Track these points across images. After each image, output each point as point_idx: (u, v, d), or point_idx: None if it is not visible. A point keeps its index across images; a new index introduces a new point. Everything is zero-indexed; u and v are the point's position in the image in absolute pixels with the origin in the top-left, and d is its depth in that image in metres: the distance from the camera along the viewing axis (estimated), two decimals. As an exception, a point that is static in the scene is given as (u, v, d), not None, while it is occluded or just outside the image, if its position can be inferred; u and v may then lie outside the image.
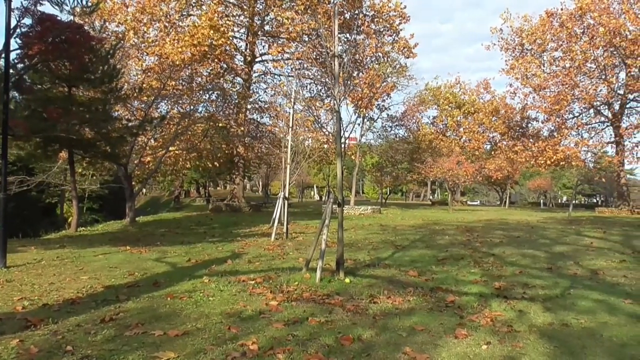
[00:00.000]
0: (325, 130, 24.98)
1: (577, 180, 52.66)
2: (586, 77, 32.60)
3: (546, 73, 34.15)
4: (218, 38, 22.58)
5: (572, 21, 31.47)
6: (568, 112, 34.63)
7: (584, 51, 31.06)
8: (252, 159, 32.13)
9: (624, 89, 32.15)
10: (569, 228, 18.10)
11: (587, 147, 34.98)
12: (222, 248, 12.31)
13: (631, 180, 54.16)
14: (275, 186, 66.85)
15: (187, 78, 23.53)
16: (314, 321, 5.25)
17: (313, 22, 24.16)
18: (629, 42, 28.88)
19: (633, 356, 4.25)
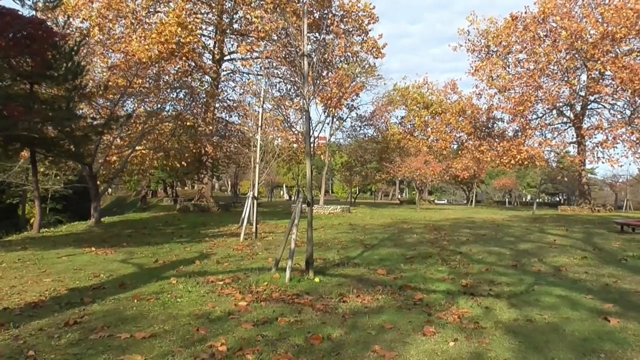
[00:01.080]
0: (294, 129, 24.99)
1: (541, 180, 53.91)
2: (549, 79, 33.45)
3: (511, 74, 34.93)
4: (186, 36, 22.29)
5: (535, 24, 32.27)
6: (532, 113, 35.50)
7: (547, 54, 31.87)
8: (221, 159, 31.84)
9: (585, 90, 33.13)
10: (533, 226, 18.54)
11: (550, 147, 35.92)
12: (190, 248, 12.16)
13: (592, 180, 55.89)
14: (244, 186, 66.43)
15: (154, 76, 23.15)
16: (283, 321, 5.23)
17: (282, 21, 24.09)
18: (590, 45, 29.77)
19: (594, 350, 4.38)
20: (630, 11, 27.59)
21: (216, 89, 28.71)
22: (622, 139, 31.48)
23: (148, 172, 30.89)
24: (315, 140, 33.20)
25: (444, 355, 4.24)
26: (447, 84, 52.84)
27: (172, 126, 24.75)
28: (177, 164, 26.24)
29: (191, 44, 23.40)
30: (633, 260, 9.61)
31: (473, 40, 37.29)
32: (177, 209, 29.98)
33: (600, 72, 30.72)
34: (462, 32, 37.41)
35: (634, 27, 27.84)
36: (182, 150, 25.63)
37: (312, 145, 8.49)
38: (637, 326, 5.08)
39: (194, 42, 23.76)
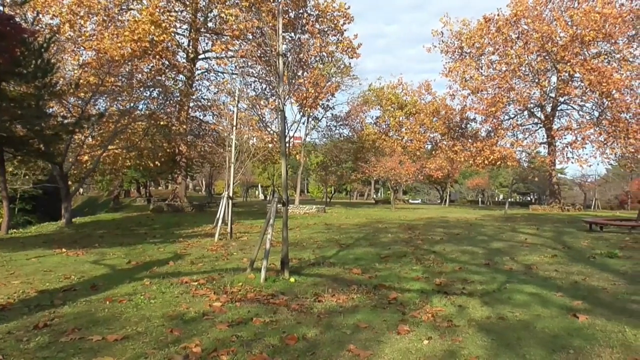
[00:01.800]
0: (269, 129, 24.89)
1: (513, 179, 54.90)
2: (521, 80, 34.07)
3: (483, 76, 35.44)
4: (159, 34, 22.01)
5: (507, 26, 32.82)
6: (504, 114, 36.10)
7: (518, 55, 32.44)
8: (195, 158, 31.54)
9: (555, 92, 33.83)
10: (505, 225, 18.85)
11: (522, 148, 36.60)
12: (163, 249, 12.02)
13: (562, 179, 57.08)
14: (219, 185, 65.96)
15: (126, 74, 22.76)
16: (258, 321, 5.22)
17: (257, 20, 23.98)
18: (560, 47, 30.41)
19: (563, 346, 4.48)
20: (597, 15, 28.28)
21: (190, 88, 28.44)
22: (590, 139, 32.26)
23: (121, 171, 30.38)
24: (291, 140, 33.18)
25: (418, 354, 4.28)
26: (421, 84, 53.40)
27: (146, 125, 24.42)
28: (150, 164, 25.90)
29: (165, 42, 23.12)
30: (601, 258, 9.86)
31: (447, 42, 37.73)
32: (150, 209, 29.59)
33: (569, 74, 31.40)
34: (436, 33, 37.81)
35: (601, 30, 28.55)
36: (156, 150, 25.30)
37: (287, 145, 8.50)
38: (605, 322, 5.21)
39: (167, 40, 23.48)
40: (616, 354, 4.27)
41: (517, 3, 32.24)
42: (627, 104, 29.63)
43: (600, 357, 4.20)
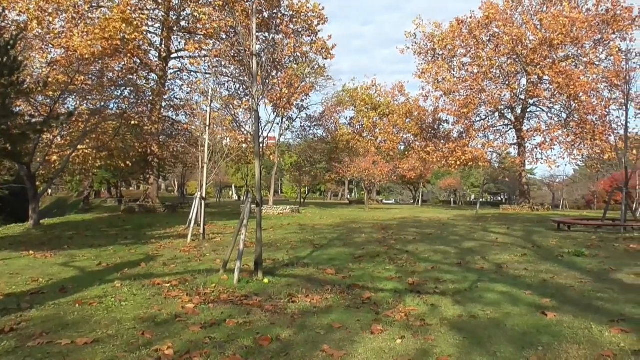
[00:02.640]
0: (243, 129, 24.75)
1: (484, 180, 55.72)
2: (492, 82, 34.62)
3: (456, 78, 35.92)
4: (131, 32, 21.68)
5: (479, 29, 33.33)
6: (475, 115, 36.63)
7: (490, 58, 32.99)
8: (167, 158, 31.18)
9: (525, 94, 34.49)
10: (477, 225, 19.14)
11: (493, 149, 37.22)
12: (135, 251, 11.85)
13: (531, 180, 58.26)
14: (191, 186, 65.31)
15: (97, 73, 22.35)
16: (232, 323, 5.19)
17: (231, 20, 23.84)
18: (530, 51, 31.04)
19: (532, 343, 4.57)
20: (565, 19, 28.95)
21: (163, 87, 28.08)
22: (559, 141, 32.99)
23: (91, 172, 29.84)
24: (265, 141, 33.05)
25: (391, 353, 4.32)
26: (394, 86, 53.88)
27: (116, 125, 24.01)
28: (121, 164, 25.48)
29: (137, 40, 22.77)
30: (568, 257, 10.09)
31: (419, 44, 38.10)
32: (121, 210, 29.13)
33: (539, 76, 32.06)
34: (409, 35, 38.14)
35: (569, 34, 29.23)
36: (127, 150, 24.92)
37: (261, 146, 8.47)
38: (572, 319, 5.34)
39: (139, 38, 23.13)
40: (583, 350, 4.38)
41: (489, 6, 32.76)
42: (593, 107, 30.39)
43: (568, 353, 4.30)
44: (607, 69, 30.66)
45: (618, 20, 29.92)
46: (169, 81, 30.09)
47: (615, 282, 7.55)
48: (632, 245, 12.12)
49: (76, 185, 43.74)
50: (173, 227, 18.49)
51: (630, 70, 22.93)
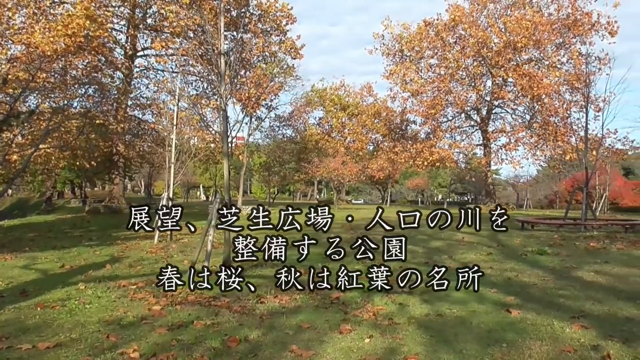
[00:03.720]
0: (211, 129, 24.53)
1: (451, 180, 56.62)
2: (458, 84, 35.17)
3: (423, 79, 36.34)
4: (95, 29, 21.20)
5: (446, 31, 33.81)
6: (442, 116, 37.11)
7: (456, 60, 33.49)
8: (134, 158, 30.65)
9: (490, 96, 35.15)
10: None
11: (459, 149, 37.82)
12: (100, 252, 11.61)
13: (496, 180, 59.45)
14: (158, 186, 64.31)
15: (60, 70, 21.77)
16: (199, 324, 5.14)
17: (199, 18, 23.56)
18: (494, 53, 31.67)
19: (497, 340, 4.67)
20: (528, 22, 29.63)
21: (128, 85, 27.58)
22: (522, 141, 33.75)
23: (54, 172, 29.07)
24: (233, 140, 32.82)
25: (359, 352, 4.35)
26: (363, 86, 54.11)
27: (80, 124, 23.44)
28: (85, 164, 24.89)
29: (101, 38, 22.27)
30: (532, 255, 10.34)
31: (388, 45, 38.36)
32: (86, 210, 28.50)
33: (503, 78, 32.71)
34: (377, 36, 38.38)
35: (532, 37, 29.94)
36: (91, 149, 24.36)
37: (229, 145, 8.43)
38: (535, 316, 5.48)
39: (104, 36, 22.64)
40: (545, 346, 4.50)
41: (455, 9, 33.24)
42: (555, 108, 31.19)
43: (531, 349, 4.41)
44: (568, 72, 31.55)
45: (578, 25, 30.81)
46: (135, 80, 29.60)
47: (576, 280, 7.78)
48: (591, 243, 12.52)
49: (38, 186, 42.53)
50: (139, 228, 18.19)
51: (589, 74, 23.61)
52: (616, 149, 31.25)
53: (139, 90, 30.08)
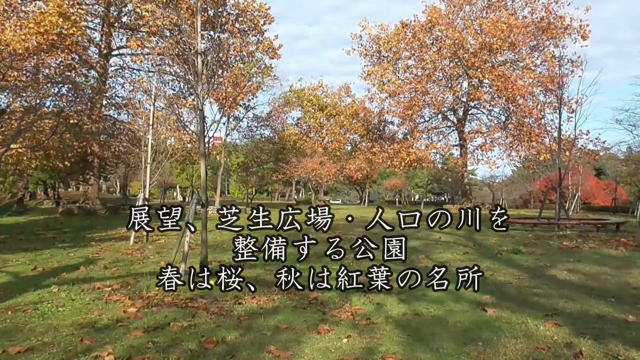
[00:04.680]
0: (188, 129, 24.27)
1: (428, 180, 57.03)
2: (435, 84, 35.49)
3: (400, 80, 36.56)
4: (69, 27, 20.83)
5: (423, 32, 34.08)
6: (419, 117, 37.43)
7: (433, 61, 33.80)
8: (109, 158, 30.20)
9: (466, 97, 35.56)
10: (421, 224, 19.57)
11: (436, 150, 38.20)
12: (74, 254, 11.40)
13: (473, 180, 60.16)
14: (134, 187, 63.51)
15: (32, 69, 21.32)
16: (176, 326, 5.09)
17: (175, 17, 23.31)
18: (470, 54, 32.04)
19: (473, 338, 4.73)
20: (504, 25, 30.07)
21: (103, 85, 27.14)
22: (498, 142, 34.25)
23: (25, 172, 28.47)
24: (211, 140, 32.57)
25: (337, 352, 4.35)
26: (341, 87, 54.32)
27: (53, 123, 23.00)
28: (59, 164, 24.43)
29: (75, 36, 21.89)
30: (507, 255, 10.50)
31: (365, 46, 38.54)
32: (59, 212, 27.96)
33: (479, 79, 33.14)
34: (355, 36, 38.52)
35: (507, 39, 30.39)
36: (65, 150, 23.91)
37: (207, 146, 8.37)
38: (510, 314, 5.56)
39: (78, 34, 22.25)
40: (519, 343, 4.57)
41: (431, 10, 33.56)
42: (529, 109, 31.71)
43: (506, 347, 4.47)
44: (542, 74, 32.10)
45: (552, 28, 31.40)
46: (110, 79, 29.16)
47: (550, 278, 7.92)
48: (565, 242, 12.76)
49: (9, 187, 41.58)
50: (115, 229, 17.93)
51: (563, 76, 24.08)
52: (588, 150, 31.90)
53: (114, 90, 29.65)
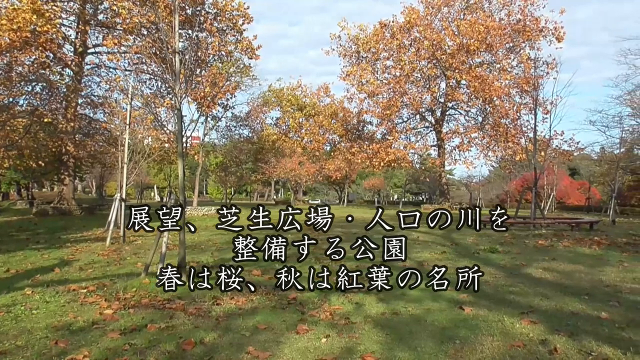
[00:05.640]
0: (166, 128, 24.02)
1: (406, 180, 57.37)
2: (413, 85, 35.77)
3: (379, 80, 36.76)
4: (43, 24, 20.44)
5: (401, 33, 34.32)
6: (398, 117, 37.69)
7: (411, 62, 34.05)
8: (84, 158, 29.70)
9: (444, 97, 35.92)
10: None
11: (414, 150, 38.49)
12: (48, 255, 11.18)
13: (450, 180, 60.72)
14: (111, 187, 62.65)
15: (4, 66, 20.88)
16: (153, 328, 5.03)
17: (153, 15, 23.05)
18: (448, 55, 32.36)
19: (451, 337, 4.78)
20: (481, 26, 30.45)
21: (79, 83, 26.68)
22: (475, 142, 34.67)
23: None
24: (188, 140, 32.28)
25: (316, 352, 4.36)
26: (320, 87, 54.38)
27: (27, 122, 22.54)
28: (32, 164, 23.94)
29: (49, 33, 21.49)
30: (484, 253, 10.63)
31: (344, 46, 38.68)
32: (33, 212, 27.40)
33: (457, 80, 33.51)
34: (334, 37, 38.61)
35: (484, 41, 30.77)
36: (39, 149, 23.46)
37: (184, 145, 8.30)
38: (487, 313, 5.64)
39: (52, 31, 21.84)
40: (496, 341, 4.63)
41: (410, 11, 33.81)
42: (506, 110, 32.18)
43: (483, 345, 4.53)
44: (518, 76, 32.63)
45: (527, 30, 31.91)
46: (86, 77, 28.67)
47: (526, 277, 8.04)
48: (540, 241, 12.97)
49: (-19, 187, 40.66)
50: (91, 230, 17.65)
51: (538, 77, 24.51)
52: (563, 150, 32.51)
53: (90, 89, 29.17)
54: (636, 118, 32.70)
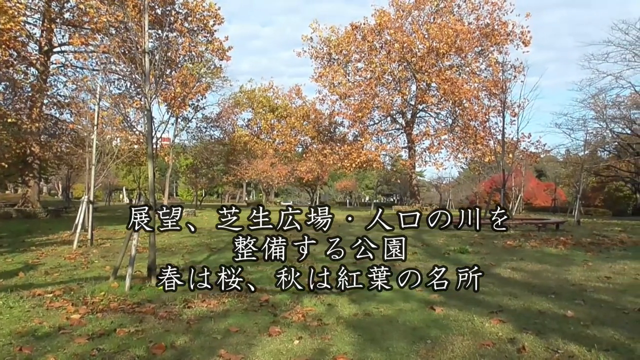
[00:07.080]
0: (135, 129, 23.65)
1: (378, 182, 57.72)
2: (384, 87, 36.00)
3: (350, 82, 36.91)
4: (6, 22, 19.88)
5: (372, 36, 34.54)
6: (369, 119, 37.91)
7: (382, 64, 34.28)
8: (50, 159, 28.97)
9: (414, 100, 36.28)
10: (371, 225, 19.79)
11: (386, 152, 38.79)
12: (12, 259, 10.86)
13: (421, 181, 61.43)
14: (78, 189, 61.30)
15: (-34, 65, 20.29)
16: (122, 332, 4.93)
17: (121, 15, 22.66)
18: (418, 58, 32.71)
19: (422, 337, 4.83)
20: (450, 30, 30.90)
21: (44, 83, 26.02)
22: (445, 144, 35.14)
23: (-42, 174, 26.95)
24: (158, 141, 31.85)
25: (288, 354, 4.34)
26: (291, 88, 54.33)
27: (-10, 122, 21.92)
28: (-5, 165, 23.26)
29: (12, 31, 20.92)
30: (454, 254, 10.78)
31: (316, 48, 38.69)
32: (-5, 215, 26.61)
33: (427, 83, 33.90)
34: (306, 38, 38.60)
35: (453, 44, 31.22)
36: (2, 150, 22.79)
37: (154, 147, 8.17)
38: (457, 312, 5.72)
39: (16, 29, 21.26)
40: (466, 340, 4.70)
41: (381, 14, 34.07)
42: (475, 113, 32.72)
43: (453, 344, 4.59)
44: (487, 79, 33.25)
45: (495, 34, 32.53)
46: (52, 77, 27.98)
47: (495, 276, 8.19)
48: (508, 242, 13.22)
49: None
50: (57, 233, 17.22)
51: (506, 81, 25.01)
52: (530, 152, 33.24)
53: (56, 88, 28.46)
54: (599, 121, 33.75)
